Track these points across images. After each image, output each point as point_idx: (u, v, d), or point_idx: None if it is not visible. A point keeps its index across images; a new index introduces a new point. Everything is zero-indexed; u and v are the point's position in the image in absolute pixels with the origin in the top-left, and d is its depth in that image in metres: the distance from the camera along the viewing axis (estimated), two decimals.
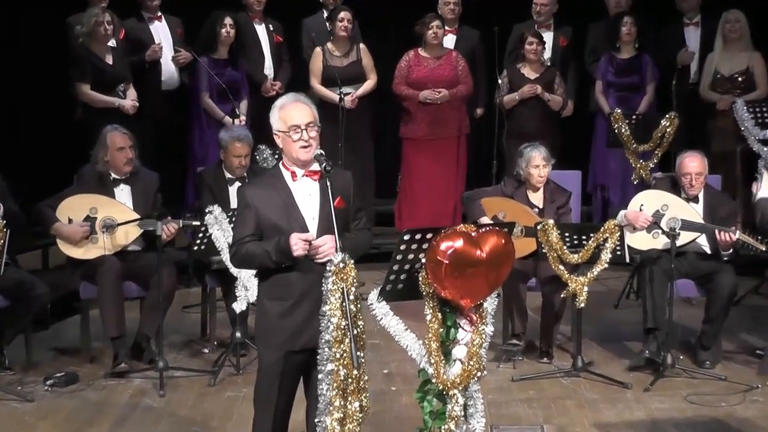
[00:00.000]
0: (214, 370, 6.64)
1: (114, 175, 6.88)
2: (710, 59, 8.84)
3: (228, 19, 8.55)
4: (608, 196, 9.19)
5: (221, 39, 8.54)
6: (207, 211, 6.52)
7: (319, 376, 4.30)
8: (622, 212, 6.87)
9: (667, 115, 8.03)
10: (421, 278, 4.35)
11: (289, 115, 4.45)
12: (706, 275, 6.85)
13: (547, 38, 8.94)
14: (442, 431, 4.38)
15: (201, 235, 6.59)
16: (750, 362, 6.83)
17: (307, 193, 4.47)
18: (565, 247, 6.49)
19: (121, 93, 8.07)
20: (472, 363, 4.39)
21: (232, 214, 6.50)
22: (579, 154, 9.12)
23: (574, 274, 6.52)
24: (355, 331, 4.27)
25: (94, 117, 7.91)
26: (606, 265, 6.48)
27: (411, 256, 4.34)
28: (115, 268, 6.67)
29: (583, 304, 6.51)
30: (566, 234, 6.53)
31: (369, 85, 8.88)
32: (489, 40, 8.89)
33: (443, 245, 4.25)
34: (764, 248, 6.58)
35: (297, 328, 4.42)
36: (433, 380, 4.38)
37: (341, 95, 8.49)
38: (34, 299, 6.59)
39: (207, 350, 7.13)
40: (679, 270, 6.70)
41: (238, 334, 6.67)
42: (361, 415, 4.33)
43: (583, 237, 6.52)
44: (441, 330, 4.38)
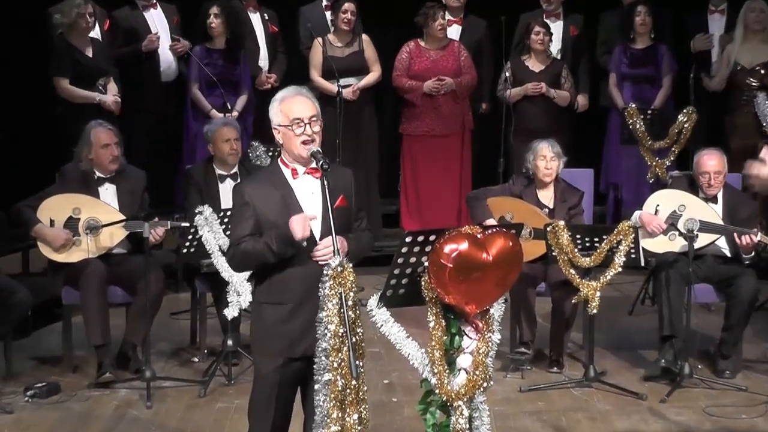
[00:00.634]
0: (204, 381, 6.64)
1: (98, 174, 6.89)
2: (729, 50, 8.83)
3: (214, 9, 8.55)
4: (622, 195, 9.20)
5: (210, 28, 8.55)
6: (197, 212, 6.51)
7: (316, 387, 4.30)
8: (637, 213, 6.88)
9: (685, 110, 8.05)
10: (423, 283, 4.36)
11: (291, 109, 4.46)
12: (725, 279, 6.86)
13: (556, 28, 8.95)
14: None
15: (190, 237, 6.60)
16: None
17: (309, 192, 4.48)
18: (576, 250, 6.49)
19: (101, 87, 8.06)
20: (477, 373, 4.39)
21: (223, 214, 6.51)
22: (591, 151, 9.13)
23: (586, 279, 6.53)
24: (354, 339, 4.27)
25: (75, 112, 7.92)
26: (620, 269, 6.49)
27: (413, 260, 4.34)
28: (100, 272, 6.68)
29: (595, 311, 6.52)
30: (577, 236, 6.54)
31: (373, 76, 8.89)
32: (496, 31, 8.90)
33: (447, 248, 4.25)
34: None
35: (297, 333, 4.43)
36: (437, 391, 4.38)
37: (339, 87, 8.49)
38: (14, 305, 6.59)
39: (197, 359, 7.13)
40: (697, 274, 6.70)
41: (230, 342, 6.68)
42: (360, 428, 4.33)
43: (596, 239, 6.53)
44: (445, 338, 4.38)
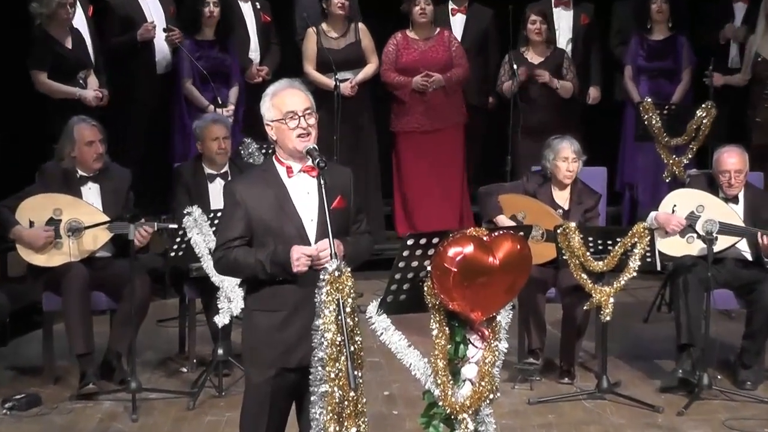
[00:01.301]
0: (193, 392, 6.65)
1: (81, 173, 6.90)
2: (751, 42, 8.84)
3: None
4: (637, 195, 9.21)
5: (205, 18, 8.55)
6: (185, 213, 6.53)
7: (312, 399, 4.31)
8: (653, 214, 6.89)
9: (703, 105, 8.05)
10: (426, 288, 4.36)
11: (284, 102, 4.46)
12: (746, 285, 6.86)
13: (566, 17, 8.95)
14: None
15: (179, 240, 6.61)
16: None
17: (305, 191, 4.48)
18: (588, 253, 6.50)
19: (81, 81, 8.06)
20: (483, 384, 4.40)
21: (213, 215, 6.52)
22: (604, 148, 9.13)
23: (599, 284, 6.53)
24: (352, 348, 4.28)
25: (55, 108, 7.92)
26: (634, 274, 6.49)
27: (415, 264, 4.35)
28: (82, 277, 6.69)
29: (608, 318, 6.53)
30: (590, 238, 6.54)
31: (370, 69, 8.88)
32: (503, 21, 8.91)
33: (451, 251, 4.26)
34: None
35: (291, 343, 4.44)
36: (440, 403, 4.39)
37: (337, 81, 8.49)
38: None
39: (185, 369, 7.14)
40: (717, 279, 6.71)
41: (221, 351, 6.69)
42: None
43: (609, 242, 6.53)
44: (449, 346, 4.39)
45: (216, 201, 7.00)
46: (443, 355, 4.37)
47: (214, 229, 6.44)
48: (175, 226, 6.59)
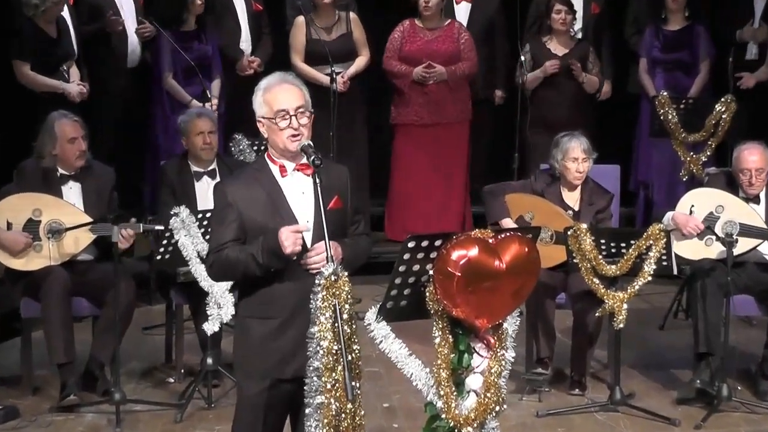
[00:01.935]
0: (180, 404, 6.66)
1: (62, 171, 6.90)
2: None
3: None
4: (652, 195, 9.22)
5: (191, 8, 8.56)
6: (172, 214, 6.54)
7: (307, 411, 4.32)
8: (669, 215, 6.89)
9: (723, 99, 8.05)
10: (428, 294, 4.38)
11: (276, 99, 4.47)
12: None
13: (576, 5, 8.95)
14: None
15: (165, 242, 6.62)
16: None
17: (300, 191, 4.49)
18: (600, 257, 6.51)
19: (64, 73, 8.08)
20: (489, 395, 4.41)
21: (202, 216, 6.52)
22: (618, 145, 9.14)
23: (612, 289, 6.54)
24: (350, 357, 4.29)
25: (35, 101, 7.93)
26: (649, 278, 6.50)
27: (416, 267, 4.36)
28: (63, 282, 6.69)
29: (622, 325, 6.53)
30: (602, 241, 6.55)
31: (361, 62, 8.88)
32: (510, 10, 8.91)
33: (455, 254, 4.27)
34: None
35: (285, 352, 4.45)
36: (443, 416, 4.40)
37: (333, 74, 8.48)
38: None
39: (172, 379, 7.15)
40: (737, 284, 6.71)
41: (210, 361, 6.69)
42: None
43: (623, 244, 6.54)
44: (452, 355, 4.40)
45: (203, 200, 7.01)
46: (446, 365, 4.37)
47: (203, 230, 6.45)
48: (162, 228, 6.59)
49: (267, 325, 4.47)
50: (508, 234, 4.41)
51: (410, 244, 4.31)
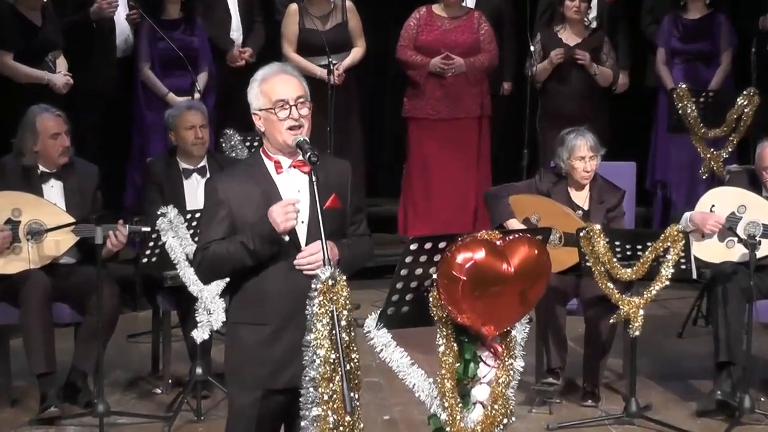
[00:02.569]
0: (168, 416, 6.67)
1: (43, 168, 6.91)
2: None
3: None
4: (670, 194, 9.24)
5: None
6: (159, 214, 6.54)
7: (303, 424, 4.32)
8: (688, 215, 6.90)
9: (745, 92, 8.05)
10: (431, 299, 4.38)
11: (274, 89, 4.48)
12: None
13: None
14: None
15: (152, 244, 6.62)
16: None
17: (295, 189, 4.49)
18: (615, 260, 6.52)
19: (50, 64, 8.08)
20: (496, 407, 4.42)
21: (191, 216, 6.53)
22: (633, 141, 9.16)
23: (627, 294, 6.55)
24: (348, 367, 4.29)
25: (13, 93, 7.93)
26: (667, 283, 6.51)
27: (419, 271, 4.36)
28: (43, 286, 6.70)
29: (638, 332, 6.54)
30: (617, 243, 6.56)
31: (357, 54, 8.89)
32: None
33: (460, 257, 4.27)
34: None
35: (279, 361, 4.45)
36: (447, 429, 4.40)
37: (330, 65, 8.48)
38: None
39: (159, 390, 7.16)
40: (760, 288, 6.73)
41: (199, 370, 6.69)
42: None
43: (639, 246, 6.55)
44: (457, 365, 4.41)
45: (192, 199, 7.02)
46: (451, 375, 4.38)
47: (192, 231, 6.45)
48: (148, 229, 6.60)
49: (259, 332, 4.47)
50: (517, 235, 4.41)
51: (412, 247, 4.31)
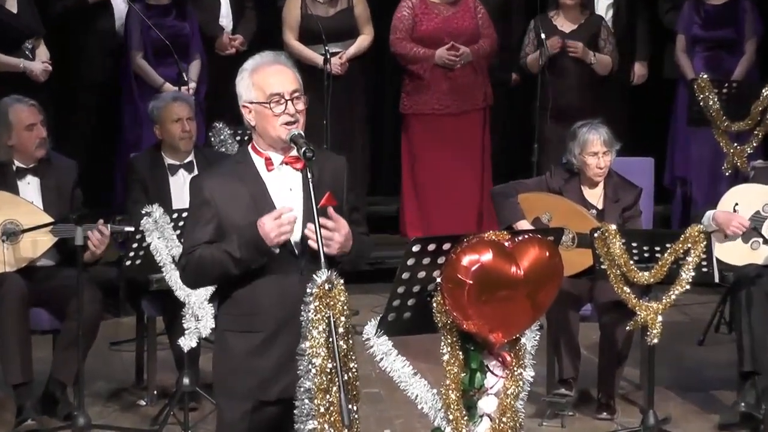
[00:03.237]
0: (153, 429, 6.67)
1: (18, 164, 6.91)
2: None
3: None
4: (691, 192, 9.23)
5: None
6: (144, 213, 6.54)
7: None
8: (710, 213, 6.90)
9: None
10: (435, 304, 4.38)
11: (268, 81, 4.47)
12: None
13: None
14: None
15: (136, 246, 6.62)
16: None
17: (287, 187, 4.49)
18: (631, 262, 6.51)
19: (28, 52, 8.09)
20: (504, 420, 4.41)
21: (178, 216, 6.52)
22: (651, 135, 9.15)
23: (645, 299, 6.54)
24: (346, 377, 4.29)
25: None
26: (687, 287, 6.50)
27: (422, 275, 4.36)
28: (20, 291, 6.69)
29: (656, 340, 6.54)
30: (633, 244, 6.55)
31: (364, 42, 8.88)
32: None
33: (466, 259, 4.27)
34: None
35: (271, 370, 4.45)
36: None
37: (327, 55, 8.48)
38: None
39: (144, 402, 7.16)
40: None
41: (186, 381, 6.69)
42: None
43: (657, 248, 6.55)
44: (463, 375, 4.40)
45: (179, 197, 7.02)
46: (456, 386, 4.38)
47: (179, 232, 6.44)
48: (132, 229, 6.60)
49: (250, 340, 4.47)
50: (526, 236, 4.41)
51: (415, 248, 4.31)
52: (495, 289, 4.28)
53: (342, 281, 4.30)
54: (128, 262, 6.68)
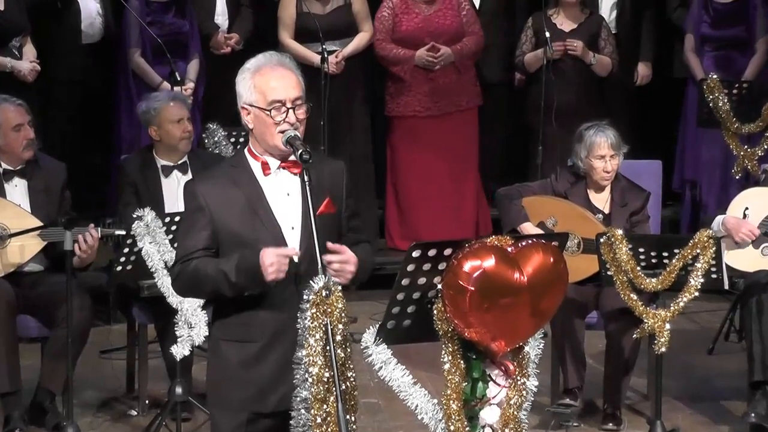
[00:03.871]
0: None
1: (5, 166, 6.91)
2: None
3: None
4: (700, 195, 9.23)
5: None
6: (135, 217, 6.54)
7: None
8: (719, 218, 6.90)
9: None
10: (436, 312, 4.38)
11: (270, 86, 4.45)
12: None
13: None
14: None
15: (127, 251, 6.62)
16: None
17: (284, 192, 4.49)
18: (639, 268, 6.52)
19: (15, 50, 8.09)
20: (507, 431, 4.42)
21: (170, 220, 6.52)
22: (659, 137, 9.15)
23: (652, 306, 6.55)
24: (344, 386, 4.30)
25: None
26: (696, 294, 6.51)
27: (422, 281, 4.37)
28: (7, 297, 6.69)
29: (664, 349, 6.54)
30: (641, 249, 6.56)
31: (362, 40, 8.87)
32: None
33: (467, 265, 4.28)
34: None
35: (267, 380, 4.46)
36: None
37: (324, 53, 8.49)
38: None
39: (135, 412, 7.16)
40: None
41: (179, 390, 6.69)
42: None
43: (665, 254, 6.55)
44: (464, 384, 4.41)
45: (172, 200, 7.02)
46: (457, 396, 4.38)
47: (171, 236, 6.45)
48: (123, 232, 6.60)
49: (245, 349, 4.47)
50: (530, 241, 4.41)
51: (415, 254, 4.31)
52: (498, 296, 4.28)
53: (339, 288, 4.31)
54: (119, 268, 6.67)
